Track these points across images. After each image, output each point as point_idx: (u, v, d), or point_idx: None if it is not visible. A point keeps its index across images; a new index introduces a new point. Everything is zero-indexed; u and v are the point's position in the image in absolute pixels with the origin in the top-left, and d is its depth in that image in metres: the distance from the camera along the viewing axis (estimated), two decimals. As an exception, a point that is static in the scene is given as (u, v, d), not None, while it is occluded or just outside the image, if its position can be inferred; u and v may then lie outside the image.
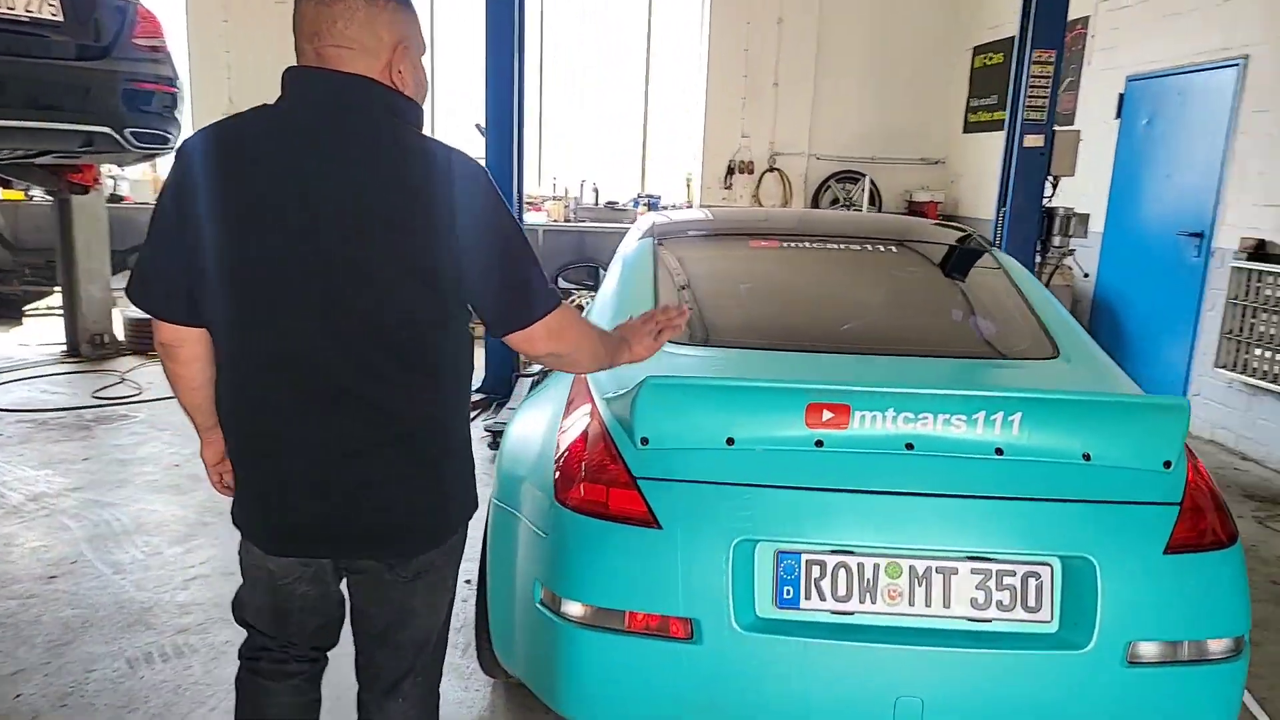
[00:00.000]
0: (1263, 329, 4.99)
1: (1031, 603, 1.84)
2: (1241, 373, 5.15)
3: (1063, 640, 1.83)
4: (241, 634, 1.79)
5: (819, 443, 1.87)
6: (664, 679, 1.86)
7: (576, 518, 1.94)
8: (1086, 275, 6.36)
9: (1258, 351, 5.04)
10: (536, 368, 6.22)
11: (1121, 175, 6.42)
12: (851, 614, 1.85)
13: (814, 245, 2.88)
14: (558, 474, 2.04)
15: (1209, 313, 5.54)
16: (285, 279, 1.44)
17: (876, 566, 1.85)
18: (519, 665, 2.17)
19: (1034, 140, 5.13)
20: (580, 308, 3.66)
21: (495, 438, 4.85)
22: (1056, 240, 5.26)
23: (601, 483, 1.95)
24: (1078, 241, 5.63)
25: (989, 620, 1.84)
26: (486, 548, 2.34)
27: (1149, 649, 1.83)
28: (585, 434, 2.07)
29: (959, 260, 2.95)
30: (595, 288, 4.26)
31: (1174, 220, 5.84)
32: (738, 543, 1.84)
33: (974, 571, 1.84)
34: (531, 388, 5.77)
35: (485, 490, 1.85)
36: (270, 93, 1.53)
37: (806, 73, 8.94)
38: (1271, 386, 4.93)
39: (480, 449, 4.72)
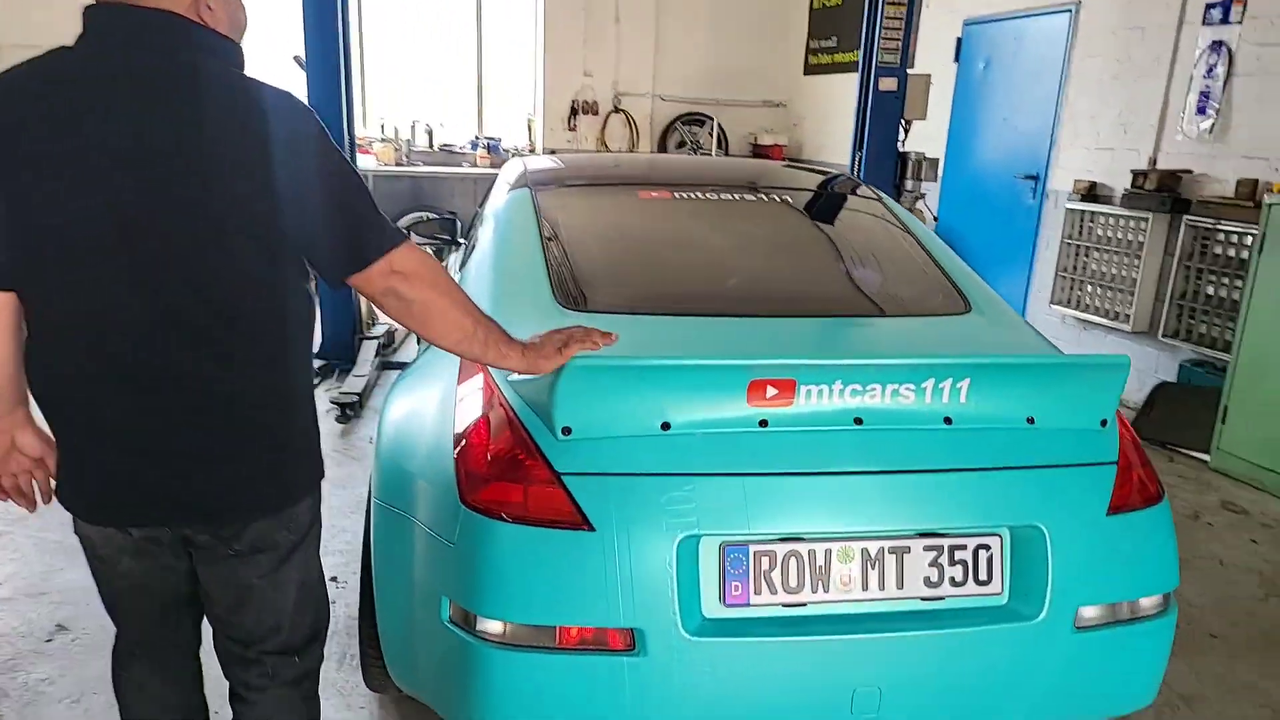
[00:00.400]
0: (1094, 267, 5.29)
1: (983, 575, 1.76)
2: (1075, 308, 5.45)
3: (1013, 612, 1.76)
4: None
5: (763, 422, 1.69)
6: (604, 697, 1.65)
7: (489, 523, 1.68)
8: (937, 219, 6.56)
9: (1089, 288, 5.35)
10: (381, 329, 5.74)
11: (960, 118, 6.61)
12: (804, 605, 1.70)
13: (709, 196, 2.67)
14: (460, 471, 1.76)
15: (1045, 252, 5.83)
16: (102, 237, 1.32)
17: (828, 552, 1.71)
18: (423, 688, 1.90)
19: (888, 84, 5.14)
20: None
21: (344, 410, 4.40)
22: (909, 184, 5.33)
23: (516, 481, 1.69)
24: (928, 185, 5.76)
25: (942, 598, 1.75)
26: (370, 554, 2.03)
27: (1093, 612, 1.80)
28: (487, 420, 1.79)
29: (855, 210, 2.83)
30: (453, 242, 3.88)
31: (1011, 163, 6.08)
32: (682, 539, 1.64)
33: (926, 549, 1.74)
34: (378, 352, 5.35)
35: (337, 471, 1.59)
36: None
37: (648, 9, 8.65)
38: (1102, 320, 5.26)
39: (327, 423, 4.25)
